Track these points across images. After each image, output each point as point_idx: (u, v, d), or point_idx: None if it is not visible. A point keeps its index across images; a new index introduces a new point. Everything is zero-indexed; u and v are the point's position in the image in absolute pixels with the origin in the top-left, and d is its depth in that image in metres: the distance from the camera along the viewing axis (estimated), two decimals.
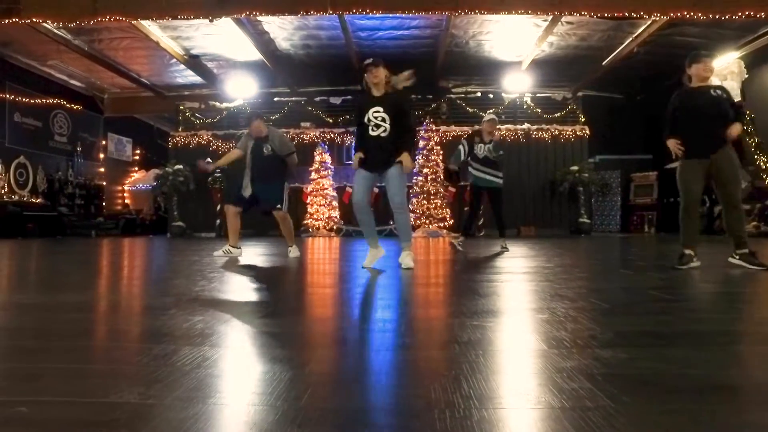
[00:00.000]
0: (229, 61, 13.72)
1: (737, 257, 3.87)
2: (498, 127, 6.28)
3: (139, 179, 17.74)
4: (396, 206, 3.99)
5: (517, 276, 3.71)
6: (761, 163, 9.94)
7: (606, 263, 5.23)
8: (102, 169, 16.73)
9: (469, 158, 6.29)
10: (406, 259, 3.91)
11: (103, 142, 16.91)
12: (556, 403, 1.11)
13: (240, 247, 5.77)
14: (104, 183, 16.64)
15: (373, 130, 3.93)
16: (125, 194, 17.58)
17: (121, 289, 3.28)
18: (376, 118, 3.91)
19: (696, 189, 3.91)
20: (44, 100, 14.36)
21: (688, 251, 3.88)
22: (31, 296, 2.92)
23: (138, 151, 18.30)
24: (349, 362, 1.54)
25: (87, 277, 4.07)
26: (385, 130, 3.91)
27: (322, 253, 6.89)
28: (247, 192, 5.53)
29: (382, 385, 1.31)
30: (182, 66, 13.66)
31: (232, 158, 5.78)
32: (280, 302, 2.74)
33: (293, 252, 5.58)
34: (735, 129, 3.73)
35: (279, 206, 5.48)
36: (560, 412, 1.07)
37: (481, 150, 6.18)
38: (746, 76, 9.75)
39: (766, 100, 10.17)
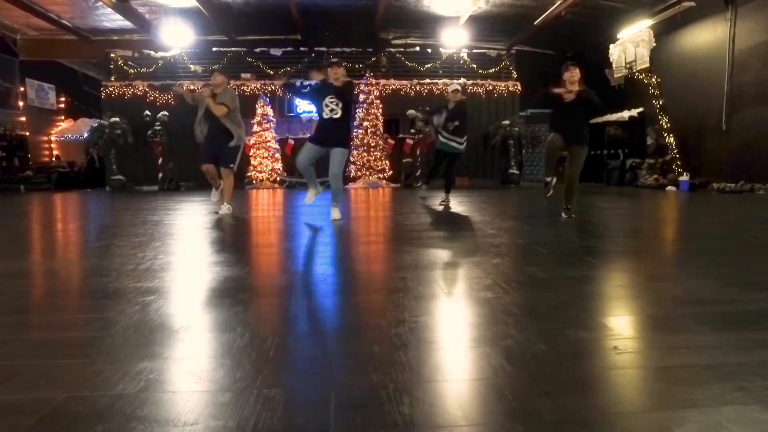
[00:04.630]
0: (162, 7, 13.13)
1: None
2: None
3: (67, 129, 16.83)
4: (332, 175, 5.00)
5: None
6: (664, 123, 11.21)
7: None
8: (23, 119, 15.70)
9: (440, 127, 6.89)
10: (334, 214, 5.12)
11: (21, 89, 15.77)
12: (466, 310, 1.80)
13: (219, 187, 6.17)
14: (27, 133, 15.70)
15: (326, 114, 4.80)
16: (53, 145, 16.69)
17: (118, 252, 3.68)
18: (331, 103, 4.71)
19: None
20: None
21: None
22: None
23: (63, 99, 17.20)
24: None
25: (83, 242, 4.37)
26: (336, 113, 4.85)
27: (267, 207, 7.34)
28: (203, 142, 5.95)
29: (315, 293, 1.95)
30: (110, 10, 12.91)
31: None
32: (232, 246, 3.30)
33: (224, 209, 6.02)
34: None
35: (232, 165, 5.94)
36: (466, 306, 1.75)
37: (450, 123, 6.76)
38: (654, 44, 10.76)
39: (671, 67, 11.34)
